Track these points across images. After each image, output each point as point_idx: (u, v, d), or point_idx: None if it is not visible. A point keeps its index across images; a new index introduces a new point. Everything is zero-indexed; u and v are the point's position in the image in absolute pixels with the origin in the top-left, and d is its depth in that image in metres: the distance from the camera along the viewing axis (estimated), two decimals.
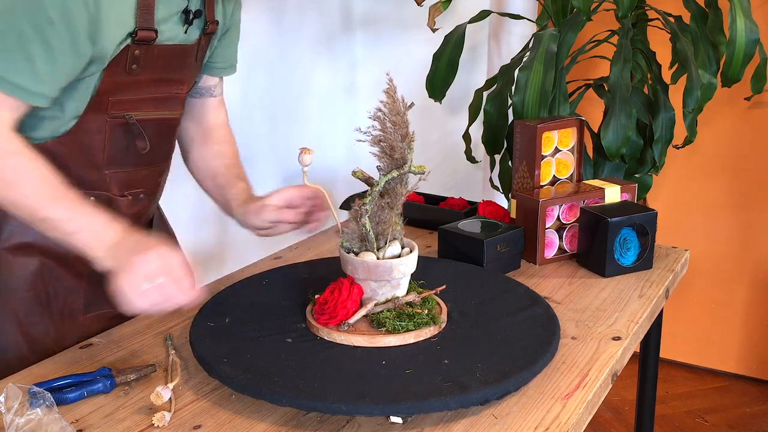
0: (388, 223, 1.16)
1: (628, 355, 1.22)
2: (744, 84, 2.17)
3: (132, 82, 1.17)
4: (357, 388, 0.99)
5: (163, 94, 1.23)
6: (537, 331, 1.15)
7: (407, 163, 1.14)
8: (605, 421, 2.72)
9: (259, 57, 2.20)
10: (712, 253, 2.93)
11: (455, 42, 2.29)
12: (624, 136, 1.98)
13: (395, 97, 1.13)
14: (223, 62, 1.39)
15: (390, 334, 1.12)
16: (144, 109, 1.21)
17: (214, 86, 1.42)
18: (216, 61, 1.38)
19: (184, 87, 1.27)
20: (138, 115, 1.20)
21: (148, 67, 1.17)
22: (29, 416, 0.92)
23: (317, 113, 2.44)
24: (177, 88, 1.25)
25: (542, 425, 0.97)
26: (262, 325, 1.18)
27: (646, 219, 1.47)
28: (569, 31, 2.07)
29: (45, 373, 1.12)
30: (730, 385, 2.96)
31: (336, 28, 2.46)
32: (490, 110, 2.16)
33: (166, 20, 1.15)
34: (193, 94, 1.39)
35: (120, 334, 1.25)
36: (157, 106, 1.23)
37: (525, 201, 1.53)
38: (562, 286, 1.43)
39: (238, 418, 1.00)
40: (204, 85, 1.40)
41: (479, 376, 1.02)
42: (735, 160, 2.84)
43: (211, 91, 1.42)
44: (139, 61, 1.15)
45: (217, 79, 1.42)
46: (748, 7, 2.05)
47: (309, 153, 1.18)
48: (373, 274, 1.15)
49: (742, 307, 2.95)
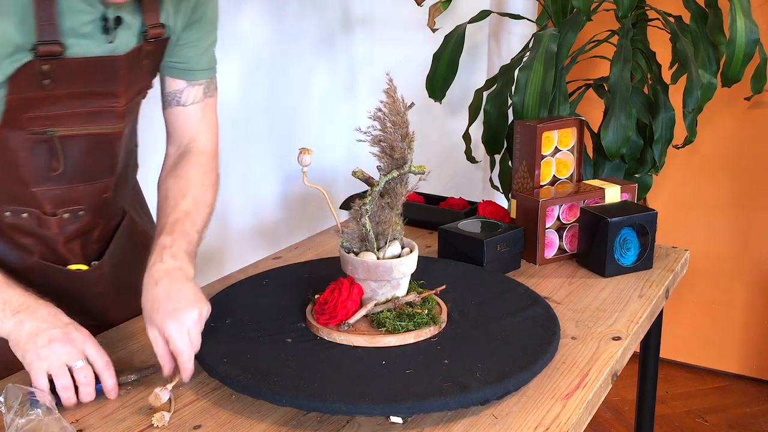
0: (388, 223, 1.16)
1: (628, 355, 1.22)
2: (744, 84, 2.17)
3: (48, 97, 1.08)
4: (357, 388, 0.99)
5: (93, 108, 1.14)
6: (537, 331, 1.15)
7: (407, 163, 1.14)
8: (605, 421, 2.72)
9: (259, 57, 2.20)
10: (712, 253, 2.93)
11: (455, 42, 2.29)
12: (624, 136, 1.98)
13: (395, 97, 1.13)
14: (183, 63, 1.25)
15: (390, 334, 1.12)
16: (69, 125, 1.12)
17: (179, 92, 1.26)
18: (174, 60, 1.24)
19: (119, 100, 1.15)
20: (62, 131, 1.12)
21: (64, 82, 1.08)
22: (29, 416, 0.92)
23: (317, 113, 2.44)
24: (110, 101, 1.15)
25: (542, 425, 0.97)
26: (262, 325, 1.18)
27: (646, 219, 1.47)
28: (569, 31, 2.07)
29: None
30: (730, 385, 2.96)
31: (336, 28, 2.46)
32: (490, 110, 2.16)
33: (75, 31, 1.06)
34: (164, 104, 1.28)
35: (120, 334, 1.25)
36: (86, 121, 1.14)
37: (525, 201, 1.53)
38: (562, 286, 1.43)
39: (238, 418, 1.00)
40: (168, 90, 1.27)
41: (479, 376, 1.02)
42: (735, 160, 2.84)
43: (176, 98, 1.26)
44: (51, 75, 1.06)
45: (182, 83, 1.26)
46: (748, 7, 2.05)
47: (308, 153, 1.18)
48: (373, 274, 1.15)
49: (742, 307, 2.95)
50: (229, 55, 2.10)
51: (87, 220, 1.23)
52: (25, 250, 1.20)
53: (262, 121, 2.25)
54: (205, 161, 1.27)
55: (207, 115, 1.29)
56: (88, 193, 1.21)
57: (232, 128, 2.17)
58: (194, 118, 1.28)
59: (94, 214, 1.24)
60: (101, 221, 1.27)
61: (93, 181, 1.20)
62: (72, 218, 1.21)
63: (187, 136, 1.28)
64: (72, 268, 1.24)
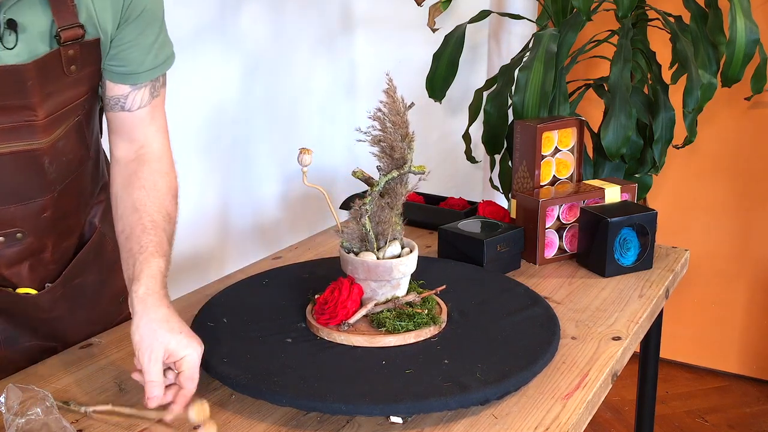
0: (388, 223, 1.16)
1: (628, 355, 1.22)
2: (744, 84, 2.17)
3: None
4: (357, 388, 0.99)
5: (9, 124, 1.03)
6: (537, 331, 1.15)
7: (407, 163, 1.14)
8: (605, 421, 2.72)
9: (259, 57, 2.20)
10: (712, 253, 2.93)
11: (455, 42, 2.29)
12: (624, 136, 1.98)
13: (395, 97, 1.13)
14: (124, 66, 1.12)
15: (390, 334, 1.12)
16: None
17: (123, 97, 1.14)
18: (113, 63, 1.11)
19: (37, 112, 1.04)
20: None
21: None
22: (29, 416, 0.92)
23: (317, 113, 2.44)
24: (27, 115, 1.03)
25: (542, 425, 0.97)
26: (262, 325, 1.18)
27: (646, 219, 1.47)
28: (569, 31, 2.07)
29: (45, 374, 1.12)
30: (730, 385, 2.96)
31: (336, 28, 2.46)
32: (490, 110, 2.16)
33: None
34: (106, 107, 1.16)
35: (120, 334, 1.25)
36: (5, 138, 1.04)
37: (525, 201, 1.53)
38: (562, 286, 1.43)
39: (238, 418, 1.00)
40: (111, 95, 1.14)
41: (479, 376, 1.02)
42: (735, 160, 2.84)
43: (120, 104, 1.14)
44: None
45: (126, 87, 1.13)
46: (748, 7, 2.05)
47: (308, 153, 1.18)
48: (373, 274, 1.15)
49: (741, 307, 2.95)
50: (229, 55, 2.11)
51: (30, 242, 1.13)
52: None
53: (262, 121, 2.25)
54: (167, 169, 1.17)
55: (156, 117, 1.18)
56: (24, 214, 1.11)
57: (233, 128, 2.17)
58: (143, 122, 1.16)
59: (37, 236, 1.14)
60: (49, 242, 1.16)
61: (26, 201, 1.10)
62: (9, 241, 1.11)
63: (137, 141, 1.17)
64: (20, 291, 1.15)
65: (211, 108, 2.09)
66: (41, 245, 1.15)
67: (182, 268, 2.01)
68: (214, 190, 2.16)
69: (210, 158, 2.12)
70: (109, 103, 1.15)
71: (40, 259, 1.16)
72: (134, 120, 1.15)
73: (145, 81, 1.14)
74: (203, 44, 2.01)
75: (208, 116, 2.08)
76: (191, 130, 2.03)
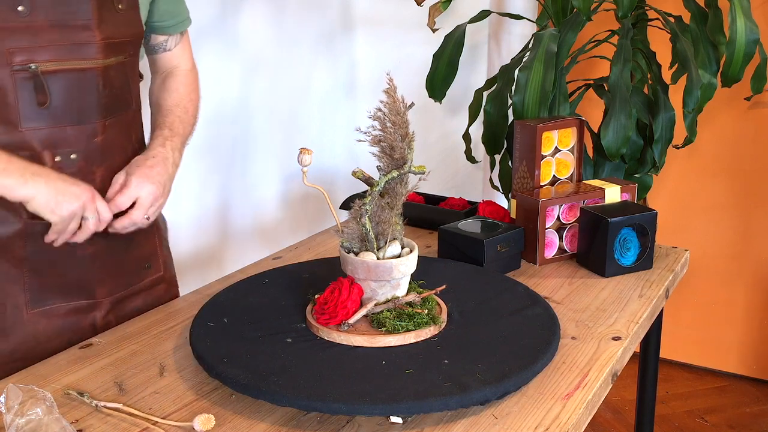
0: (388, 223, 1.16)
1: (628, 355, 1.22)
2: (744, 84, 2.17)
3: (26, 27, 1.11)
4: (357, 388, 0.99)
5: (70, 42, 1.16)
6: (537, 331, 1.15)
7: (407, 163, 1.14)
8: (605, 421, 2.72)
9: (260, 57, 2.20)
10: (712, 253, 2.93)
11: (455, 42, 2.29)
12: (624, 136, 1.98)
13: (395, 97, 1.13)
14: (163, 21, 1.38)
15: (390, 334, 1.12)
16: (51, 59, 1.14)
17: (164, 42, 1.42)
18: (155, 20, 1.36)
19: (95, 33, 1.17)
20: (45, 65, 1.14)
21: (39, 10, 1.11)
22: (29, 416, 0.92)
23: (317, 113, 2.44)
24: (86, 34, 1.17)
25: (542, 425, 0.97)
26: (262, 325, 1.18)
27: (646, 219, 1.47)
28: (569, 31, 2.07)
29: (45, 373, 1.12)
30: (730, 385, 2.96)
31: (336, 28, 2.46)
32: (490, 110, 2.16)
33: None
34: (149, 52, 1.42)
35: (120, 334, 1.25)
36: (66, 55, 1.16)
37: (525, 201, 1.53)
38: (562, 286, 1.43)
39: (238, 418, 1.00)
40: (154, 42, 1.41)
41: (479, 376, 1.02)
42: (735, 160, 2.84)
43: (163, 47, 1.42)
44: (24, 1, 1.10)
45: (165, 36, 1.42)
46: (748, 7, 2.05)
47: (308, 153, 1.18)
48: (373, 274, 1.15)
49: (741, 307, 2.95)
50: (229, 55, 2.11)
51: (81, 166, 1.22)
52: (13, 209, 1.18)
53: (262, 121, 2.25)
54: (191, 80, 1.46)
55: (185, 47, 1.47)
56: (78, 136, 1.21)
57: (233, 128, 2.17)
58: (177, 52, 1.45)
59: (88, 161, 1.22)
60: (98, 171, 1.25)
61: (81, 122, 1.21)
62: (65, 162, 1.20)
63: (171, 65, 1.45)
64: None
65: (211, 108, 2.08)
66: (90, 171, 1.24)
67: (182, 268, 2.01)
68: (214, 190, 2.16)
69: (210, 158, 2.12)
70: (154, 47, 1.42)
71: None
72: (173, 56, 1.45)
73: (183, 29, 1.44)
74: (203, 44, 2.00)
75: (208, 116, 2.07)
76: None
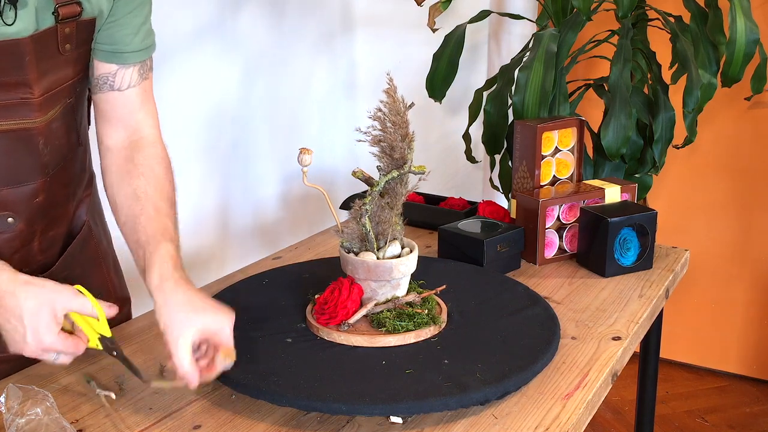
0: (388, 223, 1.16)
1: (628, 355, 1.22)
2: (744, 84, 2.17)
3: None
4: (357, 388, 0.99)
5: (6, 101, 1.03)
6: (537, 331, 1.15)
7: (407, 163, 1.14)
8: (605, 421, 2.72)
9: (259, 57, 2.20)
10: (712, 253, 2.93)
11: (455, 42, 2.29)
12: (624, 136, 1.98)
13: (395, 97, 1.13)
14: (112, 45, 1.12)
15: (390, 334, 1.12)
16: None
17: (111, 75, 1.14)
18: (102, 42, 1.12)
19: (33, 89, 1.04)
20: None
21: None
22: (29, 416, 0.92)
23: (317, 113, 2.44)
24: (23, 92, 1.03)
25: (542, 425, 0.97)
26: (262, 325, 1.18)
27: (646, 219, 1.47)
28: (569, 31, 2.07)
29: (45, 373, 1.12)
30: (730, 385, 2.96)
31: (336, 28, 2.46)
32: (490, 110, 2.16)
33: None
34: (94, 88, 1.16)
35: (120, 334, 1.25)
36: (1, 116, 1.03)
37: (525, 201, 1.53)
38: (562, 286, 1.43)
39: (238, 418, 1.00)
40: (99, 74, 1.14)
41: (479, 376, 1.02)
42: (735, 160, 2.84)
43: (109, 82, 1.14)
44: None
45: (113, 66, 1.13)
46: (748, 7, 2.05)
47: (309, 153, 1.18)
48: (373, 274, 1.15)
49: (741, 307, 2.95)
50: (229, 55, 2.11)
51: (20, 229, 1.11)
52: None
53: (262, 121, 2.25)
54: (162, 154, 1.18)
55: (146, 101, 1.18)
56: (16, 198, 1.09)
57: (232, 128, 2.17)
58: (134, 104, 1.17)
59: (28, 223, 1.12)
60: (38, 230, 1.14)
61: (19, 183, 1.09)
62: (3, 226, 1.10)
63: (129, 126, 1.17)
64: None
65: (211, 108, 2.09)
66: (30, 233, 1.13)
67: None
68: (214, 190, 2.16)
69: (210, 158, 2.12)
70: (98, 83, 1.15)
71: (29, 250, 1.15)
72: (125, 101, 1.15)
73: (134, 61, 1.14)
74: (203, 45, 2.01)
75: (208, 116, 2.08)
76: (191, 130, 2.03)
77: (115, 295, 1.33)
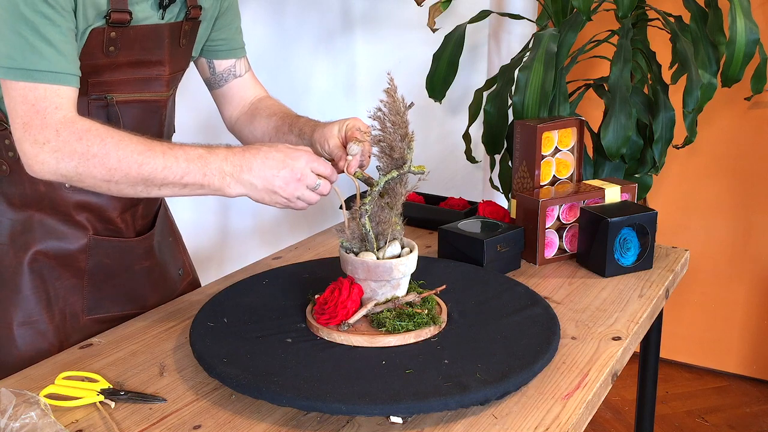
0: (388, 223, 1.16)
1: (628, 355, 1.22)
2: (744, 84, 2.17)
3: (110, 64, 1.18)
4: (357, 388, 0.99)
5: (144, 75, 1.24)
6: (537, 331, 1.15)
7: (407, 163, 1.14)
8: (605, 421, 2.72)
9: (260, 57, 2.19)
10: (712, 253, 2.93)
11: (455, 42, 2.29)
12: (624, 136, 1.98)
13: (395, 96, 1.13)
14: (225, 45, 1.41)
15: (390, 334, 1.12)
16: (125, 91, 1.22)
17: (232, 67, 1.44)
18: (217, 45, 1.40)
19: (165, 68, 1.26)
20: (119, 96, 1.21)
21: (125, 49, 1.18)
22: (23, 420, 0.92)
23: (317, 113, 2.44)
24: (158, 69, 1.25)
25: (542, 425, 0.97)
26: (262, 325, 1.18)
27: (646, 219, 1.47)
28: (569, 31, 2.07)
29: (43, 374, 1.12)
30: (730, 385, 2.96)
31: (336, 28, 2.46)
32: (490, 110, 2.16)
33: (139, 2, 1.17)
34: (219, 83, 1.44)
35: (120, 334, 1.25)
36: (138, 88, 1.24)
37: (525, 201, 1.53)
38: (562, 286, 1.43)
39: (238, 418, 1.00)
40: (221, 70, 1.43)
41: (479, 376, 1.02)
42: (735, 160, 2.84)
43: (233, 73, 1.44)
44: (117, 43, 1.16)
45: (231, 61, 1.44)
46: (748, 7, 2.05)
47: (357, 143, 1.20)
48: (373, 274, 1.15)
49: (741, 307, 2.95)
50: None
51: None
52: (80, 226, 1.26)
53: None
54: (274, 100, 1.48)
55: (256, 79, 1.49)
56: None
57: None
58: (251, 83, 1.47)
59: None
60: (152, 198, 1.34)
61: None
62: None
63: (251, 97, 1.47)
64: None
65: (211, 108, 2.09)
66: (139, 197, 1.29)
67: None
68: None
69: None
70: (223, 76, 1.44)
71: (133, 213, 1.33)
72: (245, 84, 1.46)
73: (243, 54, 1.45)
74: None
75: (208, 116, 2.08)
76: (191, 130, 2.03)
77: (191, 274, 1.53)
